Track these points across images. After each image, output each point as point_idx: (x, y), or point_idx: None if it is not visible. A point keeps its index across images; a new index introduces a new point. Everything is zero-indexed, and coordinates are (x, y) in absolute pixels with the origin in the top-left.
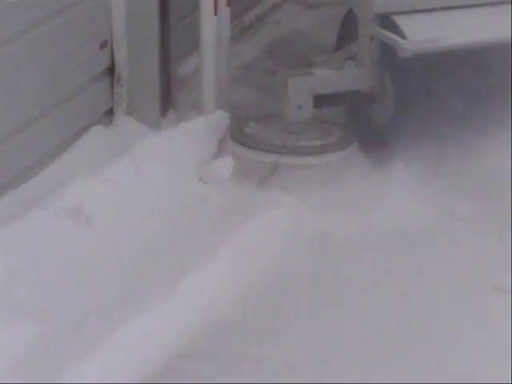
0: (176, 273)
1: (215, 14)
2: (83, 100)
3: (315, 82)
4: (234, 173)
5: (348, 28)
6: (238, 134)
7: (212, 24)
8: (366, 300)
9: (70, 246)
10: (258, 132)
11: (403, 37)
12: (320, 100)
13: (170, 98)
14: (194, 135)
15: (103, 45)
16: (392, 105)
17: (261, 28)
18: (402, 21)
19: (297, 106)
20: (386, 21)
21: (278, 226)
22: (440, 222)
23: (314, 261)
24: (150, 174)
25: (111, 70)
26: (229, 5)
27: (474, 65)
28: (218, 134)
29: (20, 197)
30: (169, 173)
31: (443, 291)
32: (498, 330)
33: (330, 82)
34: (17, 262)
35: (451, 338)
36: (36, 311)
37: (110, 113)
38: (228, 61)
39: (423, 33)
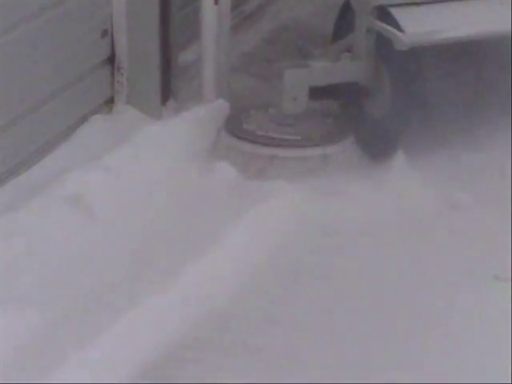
0: (177, 261)
1: (216, 3)
2: (83, 89)
3: (311, 74)
4: (231, 165)
5: (345, 20)
6: (232, 125)
7: (213, 13)
8: (366, 289)
9: (71, 235)
10: (252, 124)
11: (400, 29)
12: (316, 92)
13: (171, 86)
14: (194, 124)
15: (104, 33)
16: (388, 98)
17: (261, 17)
18: (399, 13)
19: (292, 98)
20: (383, 13)
21: (279, 214)
22: (440, 210)
23: (315, 249)
24: (151, 163)
25: (112, 59)
26: None
27: (472, 57)
28: (218, 123)
29: (21, 185)
30: (169, 161)
31: (443, 280)
32: (497, 321)
33: (325, 74)
34: (18, 251)
35: (450, 329)
36: (37, 299)
37: (110, 101)
38: (228, 50)
39: (420, 25)
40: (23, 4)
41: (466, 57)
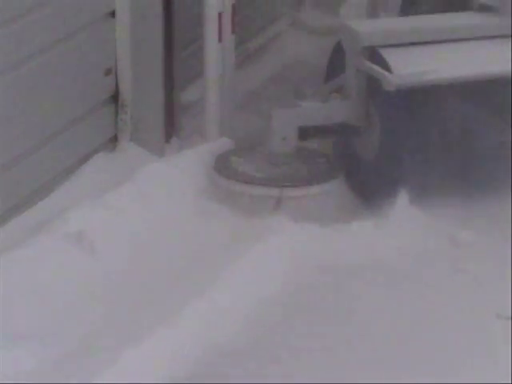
0: (179, 299)
1: (220, 41)
2: (88, 126)
3: (300, 114)
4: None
5: (337, 60)
6: (222, 165)
7: (216, 51)
8: (368, 327)
9: (74, 272)
10: (241, 163)
11: (389, 70)
12: (306, 132)
13: (174, 124)
14: (197, 162)
15: (108, 72)
16: (378, 138)
17: (265, 55)
18: (388, 54)
19: (281, 138)
20: (373, 53)
21: (280, 252)
22: (441, 248)
23: (317, 287)
24: (154, 200)
25: (115, 97)
26: (233, 32)
27: (462, 99)
28: None
29: (24, 222)
30: (172, 199)
31: (444, 318)
32: (499, 358)
33: (315, 114)
34: (20, 287)
35: (452, 365)
36: (40, 336)
37: (114, 139)
38: (232, 88)
39: (409, 66)
40: (27, 42)
41: (458, 98)
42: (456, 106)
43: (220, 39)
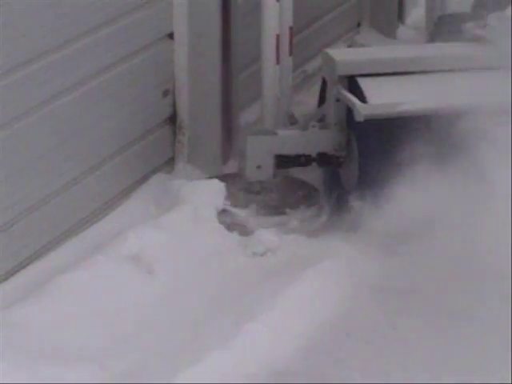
0: (236, 322)
1: (277, 63)
2: (145, 148)
3: (276, 142)
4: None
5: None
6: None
7: (274, 73)
8: (425, 349)
9: (131, 293)
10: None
11: (364, 100)
12: (283, 160)
13: (232, 146)
14: None
15: (166, 93)
16: (358, 168)
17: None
18: (365, 83)
19: (255, 166)
20: (352, 82)
21: (336, 274)
22: None
23: (374, 311)
24: (211, 222)
25: (173, 119)
26: (291, 54)
27: (442, 130)
28: None
29: (82, 243)
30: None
31: (499, 340)
32: None
33: (292, 143)
34: (79, 308)
35: None
36: (99, 356)
37: (171, 161)
38: (289, 110)
39: (385, 97)
40: (86, 63)
41: (438, 129)
42: (437, 137)
43: (278, 61)
